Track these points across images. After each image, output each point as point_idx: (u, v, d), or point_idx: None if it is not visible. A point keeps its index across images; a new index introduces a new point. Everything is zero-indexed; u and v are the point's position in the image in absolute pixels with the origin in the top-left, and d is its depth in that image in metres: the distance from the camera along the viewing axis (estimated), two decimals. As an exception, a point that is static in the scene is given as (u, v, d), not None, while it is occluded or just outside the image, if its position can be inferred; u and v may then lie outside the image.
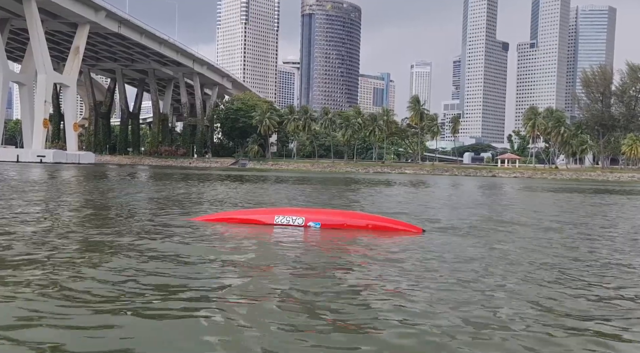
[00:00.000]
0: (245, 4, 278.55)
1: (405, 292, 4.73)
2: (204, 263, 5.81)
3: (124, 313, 3.95)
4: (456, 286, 5.01)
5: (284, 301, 4.38)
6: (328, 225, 8.68)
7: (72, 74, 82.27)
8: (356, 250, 6.98)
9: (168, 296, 4.44)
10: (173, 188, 21.27)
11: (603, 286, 5.29)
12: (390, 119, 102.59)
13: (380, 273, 5.55)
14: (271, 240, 7.83)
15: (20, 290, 4.48)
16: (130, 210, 11.73)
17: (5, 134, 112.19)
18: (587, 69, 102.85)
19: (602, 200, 22.53)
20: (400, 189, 27.22)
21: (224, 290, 4.75)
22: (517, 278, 5.48)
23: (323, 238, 7.96)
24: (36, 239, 7.10)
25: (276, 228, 8.62)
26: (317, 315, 4.00)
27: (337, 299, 4.45)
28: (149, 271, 5.32)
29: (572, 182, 55.54)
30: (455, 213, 13.02)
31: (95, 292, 4.46)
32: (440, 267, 5.88)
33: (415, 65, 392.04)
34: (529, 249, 7.42)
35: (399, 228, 8.69)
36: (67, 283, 4.73)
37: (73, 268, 5.34)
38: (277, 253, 6.69)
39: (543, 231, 9.71)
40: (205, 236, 7.84)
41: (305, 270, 5.69)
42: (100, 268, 5.39)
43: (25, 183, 21.57)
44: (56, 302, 4.15)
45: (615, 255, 7.24)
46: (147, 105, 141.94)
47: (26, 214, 10.11)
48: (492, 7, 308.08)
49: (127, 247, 6.64)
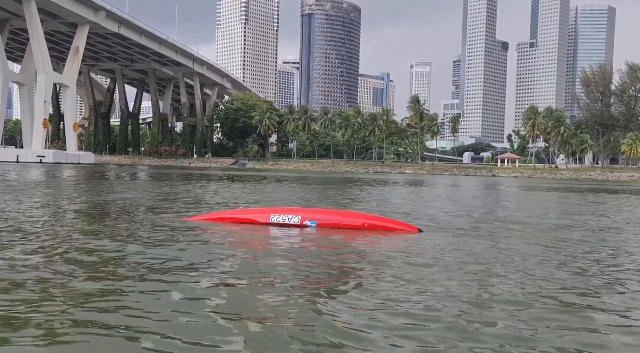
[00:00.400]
0: (245, 4, 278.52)
1: (398, 292, 4.71)
2: (196, 264, 5.77)
3: (114, 311, 3.96)
4: (450, 285, 5.01)
5: (277, 301, 4.38)
6: (324, 224, 8.68)
7: (72, 74, 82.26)
8: (351, 249, 6.96)
9: (159, 297, 4.44)
10: (170, 188, 21.29)
11: (603, 277, 5.31)
12: (390, 118, 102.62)
13: (374, 273, 5.55)
14: (266, 239, 7.83)
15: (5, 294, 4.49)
16: (125, 209, 11.72)
17: (5, 134, 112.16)
18: (586, 68, 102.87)
19: (602, 198, 22.54)
20: (399, 189, 27.23)
21: (215, 290, 4.74)
22: (512, 278, 5.48)
23: (319, 238, 7.96)
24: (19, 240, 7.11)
25: (272, 228, 8.61)
26: (311, 315, 3.99)
27: (331, 299, 4.45)
28: (139, 272, 5.31)
29: (572, 182, 55.54)
30: (453, 213, 13.02)
31: (85, 292, 4.47)
32: (435, 267, 5.88)
33: (415, 65, 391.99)
34: (527, 249, 7.42)
35: (395, 228, 8.68)
36: (50, 285, 4.73)
37: (59, 268, 5.35)
38: (271, 252, 6.67)
39: (541, 231, 9.72)
40: (200, 236, 7.81)
41: (299, 269, 5.67)
42: (89, 268, 5.40)
43: (20, 183, 21.57)
44: (40, 305, 4.16)
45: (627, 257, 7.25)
46: (146, 105, 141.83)
47: (18, 214, 10.11)
48: (491, 6, 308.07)
49: (118, 248, 6.60)
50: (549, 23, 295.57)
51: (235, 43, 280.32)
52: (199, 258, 6.05)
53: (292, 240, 7.59)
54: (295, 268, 5.69)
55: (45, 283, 4.68)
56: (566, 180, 64.03)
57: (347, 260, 6.20)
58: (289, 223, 8.67)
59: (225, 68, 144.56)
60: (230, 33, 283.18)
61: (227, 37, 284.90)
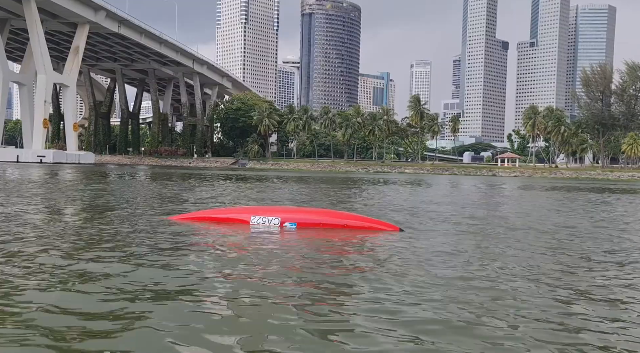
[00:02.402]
0: (245, 4, 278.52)
1: (376, 292, 4.68)
2: (173, 263, 5.73)
3: (97, 315, 3.96)
4: (427, 284, 5.00)
5: (254, 303, 4.32)
6: (304, 224, 8.58)
7: (72, 74, 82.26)
8: (330, 250, 6.82)
9: (134, 296, 4.43)
10: (165, 187, 21.28)
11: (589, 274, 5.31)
12: (390, 118, 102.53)
13: (351, 273, 5.50)
14: (244, 240, 7.64)
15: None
16: (112, 207, 11.70)
17: (5, 134, 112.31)
18: (587, 67, 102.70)
19: (604, 198, 22.53)
20: (398, 189, 27.22)
21: (188, 290, 4.69)
22: (483, 276, 5.49)
23: (298, 239, 7.81)
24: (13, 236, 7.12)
25: (252, 228, 8.54)
26: (289, 317, 3.94)
27: (307, 300, 4.41)
28: (117, 270, 5.29)
29: (572, 181, 55.51)
30: (440, 212, 13.00)
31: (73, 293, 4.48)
32: (413, 266, 5.85)
33: (415, 65, 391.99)
34: (513, 247, 7.42)
35: (376, 227, 8.58)
36: (33, 287, 4.74)
37: (46, 268, 5.35)
38: (249, 253, 6.54)
39: (540, 232, 9.72)
40: (177, 235, 7.77)
41: (276, 271, 5.54)
42: (69, 269, 5.40)
43: (18, 183, 21.58)
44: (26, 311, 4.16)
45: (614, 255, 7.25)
46: (147, 105, 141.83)
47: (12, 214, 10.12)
48: (492, 6, 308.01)
49: (99, 245, 6.66)
50: (549, 22, 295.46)
51: (235, 43, 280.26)
52: (174, 257, 6.03)
53: (270, 241, 7.46)
54: (270, 271, 5.56)
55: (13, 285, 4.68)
56: (566, 179, 63.99)
57: (325, 262, 6.00)
58: (269, 225, 8.57)
59: (225, 68, 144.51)
60: (230, 33, 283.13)
61: (227, 37, 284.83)
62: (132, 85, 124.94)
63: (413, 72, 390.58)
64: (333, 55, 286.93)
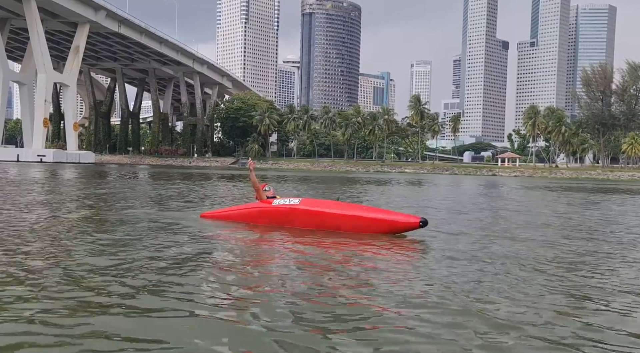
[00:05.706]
0: (245, 4, 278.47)
1: (374, 292, 4.70)
2: (191, 259, 5.79)
3: (113, 309, 3.96)
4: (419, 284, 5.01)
5: (271, 298, 4.36)
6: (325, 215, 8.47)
7: (72, 74, 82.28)
8: (346, 246, 6.95)
9: (151, 293, 4.44)
10: (165, 187, 21.27)
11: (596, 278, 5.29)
12: (390, 118, 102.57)
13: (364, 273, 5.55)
14: (259, 238, 7.81)
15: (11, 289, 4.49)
16: (124, 206, 11.70)
17: (5, 134, 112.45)
18: (587, 67, 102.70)
19: (599, 198, 22.50)
20: (398, 188, 27.20)
21: (205, 287, 4.73)
22: (491, 279, 5.48)
23: (313, 239, 7.71)
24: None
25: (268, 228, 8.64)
26: (303, 316, 3.96)
27: (328, 298, 4.44)
28: (126, 266, 5.31)
29: (572, 181, 55.48)
30: (443, 214, 13.01)
31: (81, 288, 4.47)
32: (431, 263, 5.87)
33: (416, 64, 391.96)
34: (513, 248, 7.41)
35: (397, 222, 8.03)
36: (53, 282, 4.73)
37: (61, 266, 5.35)
38: (266, 249, 6.65)
39: (540, 229, 9.70)
40: (207, 231, 7.89)
41: (295, 266, 5.63)
42: (81, 267, 5.40)
43: (16, 183, 21.57)
44: (41, 307, 4.15)
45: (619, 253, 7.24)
46: (147, 104, 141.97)
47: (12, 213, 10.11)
48: (492, 5, 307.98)
49: (115, 242, 6.68)
50: (549, 22, 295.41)
51: (236, 42, 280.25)
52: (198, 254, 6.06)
53: (285, 235, 7.70)
54: (288, 265, 5.65)
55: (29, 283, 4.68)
56: (567, 179, 63.98)
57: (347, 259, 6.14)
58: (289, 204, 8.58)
59: (226, 67, 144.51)
60: (230, 32, 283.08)
61: (227, 37, 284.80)
62: (132, 84, 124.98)
63: (413, 71, 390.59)
64: (333, 54, 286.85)
